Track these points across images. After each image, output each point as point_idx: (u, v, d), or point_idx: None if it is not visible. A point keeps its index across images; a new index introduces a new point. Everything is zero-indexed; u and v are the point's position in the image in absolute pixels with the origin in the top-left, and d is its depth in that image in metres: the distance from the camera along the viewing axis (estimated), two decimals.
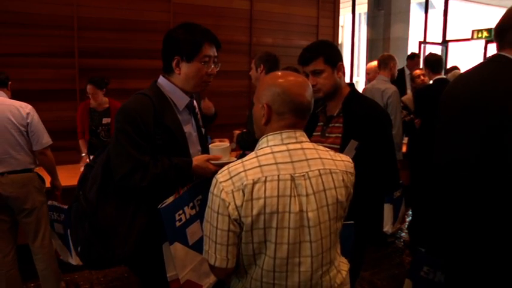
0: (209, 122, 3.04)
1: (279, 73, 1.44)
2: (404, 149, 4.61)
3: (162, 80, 1.85)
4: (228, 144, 1.88)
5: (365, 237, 1.98)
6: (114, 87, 4.31)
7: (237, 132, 3.10)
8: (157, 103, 1.73)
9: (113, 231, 1.70)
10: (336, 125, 2.00)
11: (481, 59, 9.79)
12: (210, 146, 1.87)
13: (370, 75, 4.86)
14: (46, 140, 2.97)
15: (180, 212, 1.70)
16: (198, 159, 1.78)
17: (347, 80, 8.45)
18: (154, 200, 1.68)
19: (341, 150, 1.88)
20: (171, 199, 1.69)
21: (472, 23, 12.02)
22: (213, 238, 1.31)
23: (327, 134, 2.02)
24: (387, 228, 4.01)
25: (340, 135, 1.96)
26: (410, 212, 4.79)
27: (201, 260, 1.79)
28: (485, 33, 9.31)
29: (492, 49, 9.13)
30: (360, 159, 1.71)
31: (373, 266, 3.87)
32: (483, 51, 9.39)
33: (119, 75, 4.75)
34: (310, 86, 1.42)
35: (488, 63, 1.70)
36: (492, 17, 12.92)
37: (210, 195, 1.33)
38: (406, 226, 4.69)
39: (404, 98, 5.17)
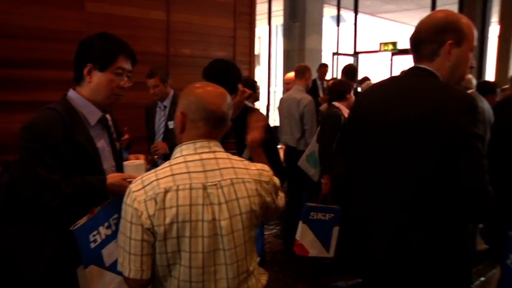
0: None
1: (199, 83, 1.46)
2: None
3: (72, 94, 1.76)
4: (143, 161, 1.85)
5: None
6: (24, 99, 4.04)
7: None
8: (66, 118, 1.65)
9: (20, 254, 1.59)
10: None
11: (388, 69, 10.37)
12: (124, 163, 1.82)
13: (289, 85, 4.98)
14: None
15: (95, 232, 1.62)
16: (112, 177, 1.70)
17: (265, 90, 8.53)
18: (67, 220, 1.58)
19: (239, 154, 1.99)
20: (84, 219, 1.60)
21: (379, 36, 12.85)
22: (127, 249, 1.29)
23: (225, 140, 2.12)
24: None
25: (234, 140, 2.15)
26: None
27: (120, 281, 1.70)
28: (391, 46, 10.03)
29: (397, 60, 9.84)
30: None
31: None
32: (390, 62, 10.07)
33: (29, 87, 4.43)
34: (229, 97, 1.43)
35: (410, 76, 1.61)
36: (396, 32, 13.91)
37: (123, 205, 1.31)
38: None
39: (322, 107, 5.37)
